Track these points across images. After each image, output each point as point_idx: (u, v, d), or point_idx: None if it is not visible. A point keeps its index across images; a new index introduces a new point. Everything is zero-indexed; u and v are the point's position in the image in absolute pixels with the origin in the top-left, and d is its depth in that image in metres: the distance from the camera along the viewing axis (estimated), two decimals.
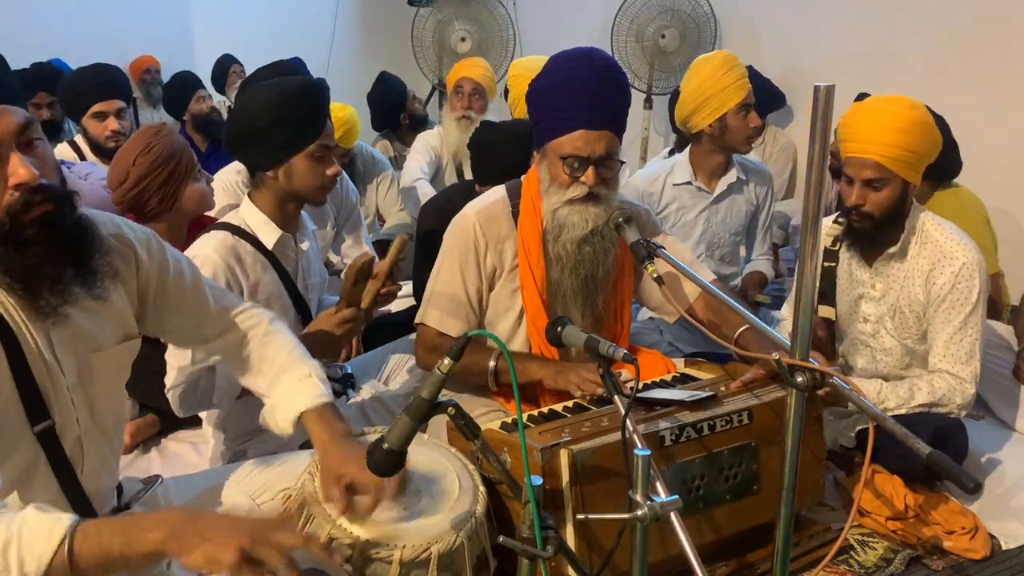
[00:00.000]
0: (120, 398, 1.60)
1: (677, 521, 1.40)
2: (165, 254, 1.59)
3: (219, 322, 1.72)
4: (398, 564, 1.43)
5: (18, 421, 1.35)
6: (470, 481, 1.65)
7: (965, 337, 2.26)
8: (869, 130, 2.22)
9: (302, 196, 2.12)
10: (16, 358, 1.33)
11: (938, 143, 2.29)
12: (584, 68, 2.01)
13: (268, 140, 2.03)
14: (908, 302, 2.34)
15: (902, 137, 2.19)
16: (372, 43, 6.91)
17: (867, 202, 2.25)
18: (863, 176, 2.23)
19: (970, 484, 1.45)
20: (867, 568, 2.00)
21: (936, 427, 2.17)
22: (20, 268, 1.28)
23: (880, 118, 2.22)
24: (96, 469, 1.50)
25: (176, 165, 2.45)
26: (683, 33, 5.23)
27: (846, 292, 2.47)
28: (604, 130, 2.00)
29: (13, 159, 1.25)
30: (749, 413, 1.86)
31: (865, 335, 2.45)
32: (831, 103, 1.35)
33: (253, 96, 2.09)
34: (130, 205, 2.45)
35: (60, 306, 1.33)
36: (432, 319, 2.18)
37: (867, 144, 2.21)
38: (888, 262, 2.37)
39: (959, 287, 2.24)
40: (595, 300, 2.14)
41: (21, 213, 1.25)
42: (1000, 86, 3.72)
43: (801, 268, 1.45)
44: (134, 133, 2.54)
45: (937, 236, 2.30)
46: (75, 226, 1.34)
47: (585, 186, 2.01)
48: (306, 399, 1.61)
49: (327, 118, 2.11)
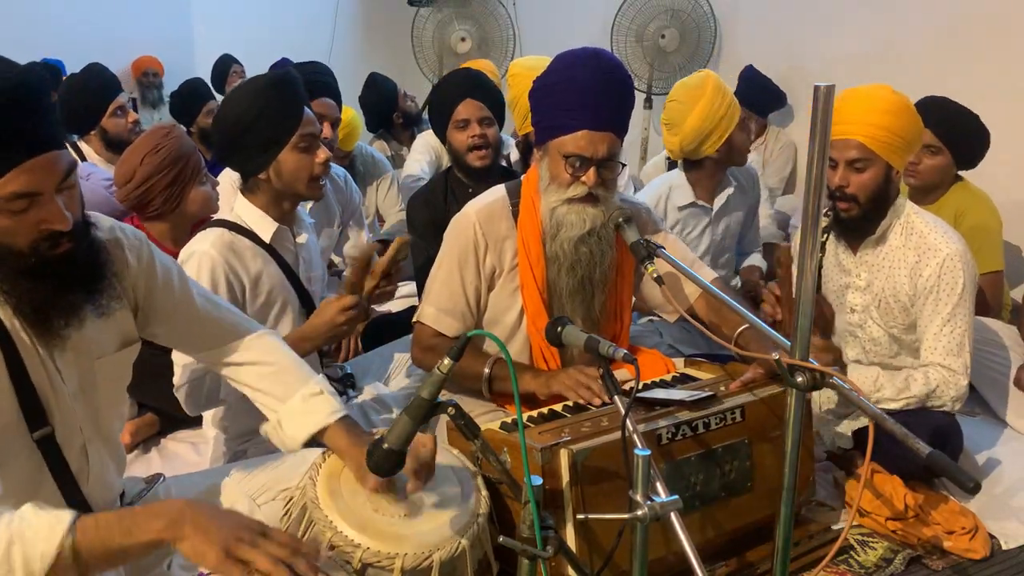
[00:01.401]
0: (122, 402, 1.60)
1: (677, 521, 1.40)
2: (154, 261, 1.58)
3: (210, 335, 1.69)
4: (400, 572, 1.42)
5: (17, 428, 1.35)
6: (471, 484, 1.64)
7: (955, 328, 2.26)
8: (853, 112, 2.25)
9: (297, 192, 2.11)
10: (15, 364, 1.33)
11: (920, 130, 2.34)
12: (590, 69, 2.00)
13: (251, 142, 2.03)
14: (893, 292, 2.35)
15: (885, 118, 2.23)
16: (372, 43, 6.92)
17: (850, 184, 2.28)
18: (847, 156, 2.26)
19: (970, 484, 1.45)
20: (867, 568, 2.00)
21: (935, 427, 2.17)
22: (36, 298, 1.30)
23: (864, 102, 2.26)
24: (101, 479, 1.50)
25: (183, 167, 2.45)
26: (683, 33, 5.24)
27: (833, 282, 2.49)
28: (607, 131, 2.00)
29: (51, 206, 1.27)
30: (742, 410, 1.87)
31: (852, 325, 2.46)
32: (831, 103, 1.35)
33: (228, 103, 2.08)
34: (134, 203, 2.45)
35: (66, 329, 1.35)
36: (428, 317, 2.18)
37: (851, 125, 2.24)
38: (872, 248, 2.38)
39: (944, 279, 2.26)
40: (592, 302, 2.14)
41: (47, 249, 1.28)
42: (1000, 86, 3.72)
43: (801, 268, 1.45)
44: (144, 132, 2.54)
45: (921, 227, 2.32)
46: (89, 254, 1.37)
47: (585, 186, 2.01)
48: (321, 417, 1.61)
49: (304, 106, 2.09)
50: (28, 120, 1.25)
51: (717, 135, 2.94)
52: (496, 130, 2.89)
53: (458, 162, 2.89)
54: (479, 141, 2.82)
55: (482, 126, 2.84)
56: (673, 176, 3.19)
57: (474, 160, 2.82)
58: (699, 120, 2.92)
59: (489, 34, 6.05)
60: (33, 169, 1.25)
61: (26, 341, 1.34)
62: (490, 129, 2.85)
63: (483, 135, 2.83)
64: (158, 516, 1.18)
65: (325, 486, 1.55)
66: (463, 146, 2.83)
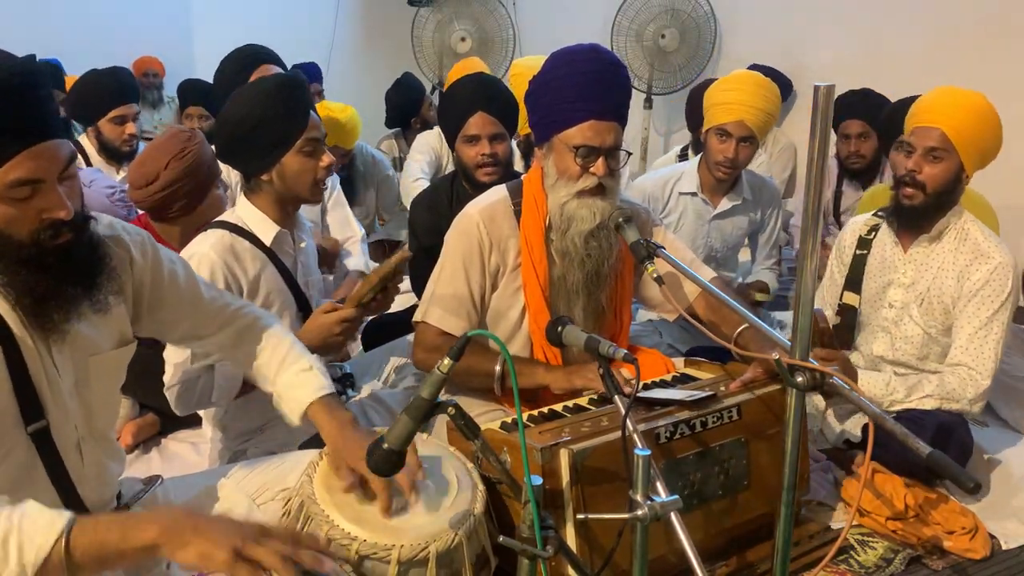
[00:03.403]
0: (114, 403, 1.61)
1: (677, 521, 1.40)
2: (159, 255, 1.60)
3: (216, 319, 1.73)
4: (396, 563, 1.43)
5: (12, 420, 1.36)
6: (469, 480, 1.65)
7: (990, 334, 2.29)
8: (944, 105, 2.31)
9: (298, 195, 2.11)
10: (13, 357, 1.34)
11: (999, 143, 2.37)
12: (591, 61, 2.02)
13: (255, 143, 2.02)
14: (938, 292, 2.37)
15: (971, 118, 2.28)
16: (372, 43, 6.92)
17: (922, 171, 2.31)
18: (926, 144, 2.30)
19: (970, 484, 1.45)
20: (867, 568, 2.00)
21: (939, 423, 2.18)
22: (35, 290, 1.30)
23: (956, 97, 2.32)
24: (96, 477, 1.50)
25: (207, 173, 2.45)
26: (683, 33, 5.24)
27: (875, 279, 2.51)
28: (612, 121, 2.02)
29: (52, 195, 1.28)
30: (738, 408, 1.88)
31: (888, 321, 2.48)
32: (831, 103, 1.36)
33: (233, 102, 2.07)
34: (154, 206, 2.44)
35: (64, 323, 1.36)
36: (434, 317, 2.18)
37: (937, 115, 2.30)
38: (925, 246, 2.41)
39: (991, 284, 2.30)
40: (598, 295, 2.15)
41: (48, 240, 1.29)
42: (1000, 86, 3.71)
43: (801, 268, 1.45)
44: (163, 134, 2.52)
45: (976, 235, 2.37)
46: (89, 248, 1.38)
47: (595, 177, 2.01)
48: (309, 391, 1.64)
49: (310, 110, 2.09)
50: (30, 108, 1.26)
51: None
52: (507, 145, 2.80)
53: (465, 174, 2.83)
54: (488, 160, 2.73)
55: (492, 143, 2.73)
56: (686, 165, 3.20)
57: (482, 176, 2.74)
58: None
59: (489, 34, 6.05)
60: (36, 156, 1.26)
61: (24, 336, 1.35)
62: (500, 146, 2.76)
63: (493, 153, 2.73)
64: (153, 522, 1.18)
65: (322, 482, 1.57)
66: (472, 161, 2.76)
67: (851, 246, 2.57)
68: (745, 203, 3.14)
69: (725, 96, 2.92)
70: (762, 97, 2.89)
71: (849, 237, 2.60)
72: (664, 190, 3.13)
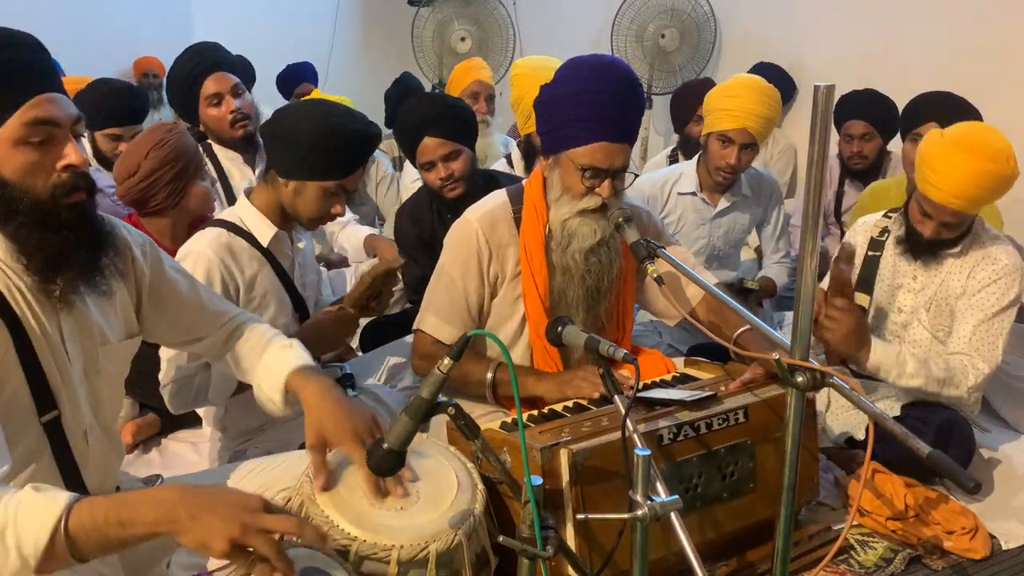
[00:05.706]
0: (119, 395, 1.62)
1: (677, 521, 1.40)
2: (159, 256, 1.63)
3: (212, 323, 1.75)
4: (395, 563, 1.43)
5: (26, 410, 1.37)
6: (468, 480, 1.64)
7: (991, 329, 2.29)
8: (952, 183, 2.19)
9: (299, 217, 2.11)
10: (24, 346, 1.34)
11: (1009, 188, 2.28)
12: (608, 80, 1.96)
13: (299, 154, 2.02)
14: (946, 295, 2.38)
15: (983, 193, 2.21)
16: (372, 43, 6.92)
17: (942, 235, 2.33)
18: (942, 219, 2.29)
19: (970, 484, 1.45)
20: (867, 568, 2.00)
21: (940, 423, 2.18)
22: (46, 249, 1.32)
23: (965, 172, 2.17)
24: (100, 466, 1.51)
25: (187, 163, 2.45)
26: (683, 33, 5.24)
27: (886, 282, 2.51)
28: (624, 143, 1.98)
29: (68, 142, 1.34)
30: (745, 411, 1.87)
31: (896, 326, 2.48)
32: (831, 103, 1.36)
33: (311, 108, 2.08)
34: (136, 198, 2.44)
35: (69, 293, 1.37)
36: (429, 325, 2.17)
37: (950, 197, 2.21)
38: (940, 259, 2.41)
39: (997, 284, 2.31)
40: (598, 309, 2.13)
41: (63, 196, 1.32)
42: (1002, 85, 3.72)
43: (801, 268, 1.45)
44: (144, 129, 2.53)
45: (986, 239, 2.38)
46: (99, 219, 1.42)
47: (599, 197, 1.99)
48: (288, 363, 1.65)
49: (363, 165, 2.12)
50: (46, 59, 1.36)
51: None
52: (466, 156, 2.73)
53: (436, 194, 2.81)
54: (447, 181, 2.70)
55: (447, 164, 2.69)
56: (685, 165, 3.20)
57: (448, 194, 2.71)
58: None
59: (489, 34, 6.04)
60: (52, 100, 1.32)
61: (32, 323, 1.36)
62: (456, 163, 2.70)
63: (449, 175, 2.69)
64: (151, 508, 1.16)
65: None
66: (434, 185, 2.74)
67: (862, 246, 2.56)
68: (745, 199, 3.14)
69: (729, 102, 2.91)
70: (765, 104, 2.88)
71: (861, 237, 2.58)
72: (663, 191, 3.13)
